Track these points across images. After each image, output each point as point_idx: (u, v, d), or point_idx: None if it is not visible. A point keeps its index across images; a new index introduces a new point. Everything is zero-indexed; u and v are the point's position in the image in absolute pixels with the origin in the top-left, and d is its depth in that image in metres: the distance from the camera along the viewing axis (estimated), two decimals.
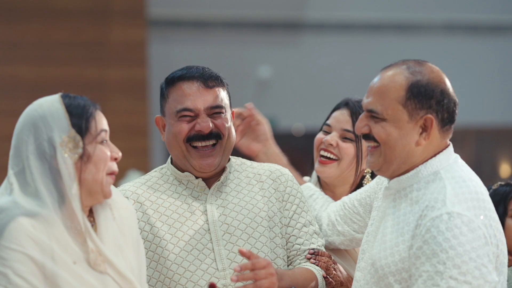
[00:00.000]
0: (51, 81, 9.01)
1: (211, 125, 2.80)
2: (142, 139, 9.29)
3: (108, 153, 2.38)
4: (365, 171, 3.28)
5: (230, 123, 2.86)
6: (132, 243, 2.47)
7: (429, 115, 2.53)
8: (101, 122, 2.39)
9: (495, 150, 11.66)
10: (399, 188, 2.59)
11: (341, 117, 3.27)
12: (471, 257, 2.37)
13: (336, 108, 3.32)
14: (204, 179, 2.87)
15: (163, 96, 2.87)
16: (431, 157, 2.57)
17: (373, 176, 3.24)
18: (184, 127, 2.81)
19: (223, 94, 2.85)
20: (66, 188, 2.32)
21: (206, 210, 2.81)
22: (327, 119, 3.34)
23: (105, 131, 2.40)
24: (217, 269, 2.75)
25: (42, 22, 9.22)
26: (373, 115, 2.56)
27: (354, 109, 3.26)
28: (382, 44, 10.99)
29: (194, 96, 2.80)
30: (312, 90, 10.59)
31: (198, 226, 2.79)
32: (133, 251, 2.46)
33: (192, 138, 2.81)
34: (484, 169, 11.52)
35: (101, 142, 2.38)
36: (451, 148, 2.61)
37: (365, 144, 2.81)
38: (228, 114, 2.87)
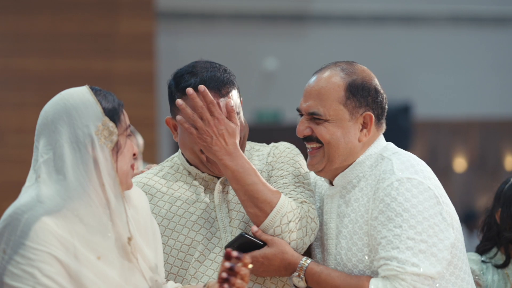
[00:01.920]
0: (59, 73, 9.02)
1: None
2: (150, 132, 9.29)
3: (133, 147, 2.43)
4: None
5: (243, 119, 2.82)
6: (146, 232, 2.49)
7: (368, 112, 2.68)
8: (127, 117, 2.44)
9: (500, 142, 11.64)
10: (344, 184, 2.71)
11: None
12: (424, 216, 2.51)
13: None
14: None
15: (174, 101, 2.77)
16: (369, 146, 2.71)
17: None
18: None
19: (235, 97, 2.77)
20: (102, 176, 2.33)
21: (214, 198, 2.80)
22: None
23: (129, 127, 2.45)
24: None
25: (50, 14, 9.23)
26: (315, 117, 2.68)
27: None
28: (388, 36, 11.00)
29: None
30: None
31: (207, 215, 2.77)
32: (148, 240, 2.49)
33: None
34: (488, 161, 11.52)
35: (128, 136, 2.43)
36: (382, 135, 2.75)
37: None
38: (241, 112, 2.81)
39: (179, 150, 2.93)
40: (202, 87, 2.65)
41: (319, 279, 2.61)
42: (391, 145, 2.74)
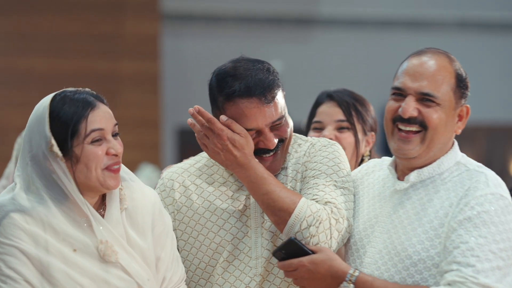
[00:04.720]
0: (64, 73, 9.04)
1: (275, 141, 2.69)
2: (154, 132, 9.31)
3: (99, 152, 2.42)
4: (364, 155, 3.31)
5: (289, 120, 2.76)
6: (144, 230, 2.53)
7: (467, 105, 2.65)
8: (94, 122, 2.43)
9: (506, 148, 11.64)
10: (415, 181, 2.64)
11: (330, 110, 3.34)
12: (509, 236, 2.48)
13: (319, 103, 3.38)
14: None
15: (217, 106, 2.72)
16: (450, 148, 2.68)
17: (370, 159, 3.23)
18: None
19: (281, 100, 2.73)
20: (66, 186, 2.41)
21: (250, 196, 2.73)
22: (312, 117, 3.38)
23: (98, 130, 2.43)
24: (251, 257, 2.69)
25: (55, 14, 9.24)
26: (427, 99, 2.60)
27: (340, 99, 3.30)
28: (394, 40, 10.98)
29: (255, 116, 2.66)
30: (322, 85, 10.52)
31: (239, 214, 2.72)
32: (146, 237, 2.53)
33: (256, 152, 2.69)
34: (494, 166, 11.42)
35: (93, 142, 2.43)
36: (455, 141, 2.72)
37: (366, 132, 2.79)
38: (286, 113, 2.75)
39: None
40: (196, 107, 2.63)
41: (371, 287, 2.54)
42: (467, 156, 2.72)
